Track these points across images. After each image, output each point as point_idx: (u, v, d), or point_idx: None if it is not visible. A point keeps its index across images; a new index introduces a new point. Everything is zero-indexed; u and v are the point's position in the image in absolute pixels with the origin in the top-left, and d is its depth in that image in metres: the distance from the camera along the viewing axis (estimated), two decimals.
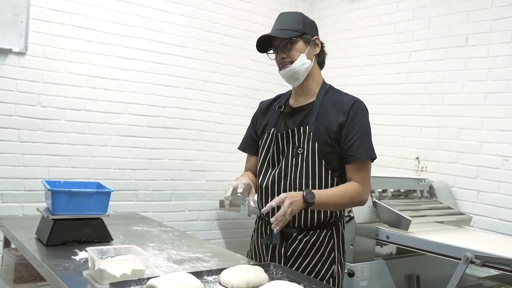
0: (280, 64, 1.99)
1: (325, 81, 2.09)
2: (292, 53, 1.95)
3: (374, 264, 2.81)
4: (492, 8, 3.39)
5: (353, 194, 1.91)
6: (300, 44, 1.96)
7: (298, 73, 1.97)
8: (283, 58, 1.96)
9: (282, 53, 1.96)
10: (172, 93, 3.93)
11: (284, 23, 1.97)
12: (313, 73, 2.02)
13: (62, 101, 3.42)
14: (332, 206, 1.93)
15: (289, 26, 1.95)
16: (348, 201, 1.93)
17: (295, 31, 1.94)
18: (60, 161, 3.44)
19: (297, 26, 1.96)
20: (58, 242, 2.14)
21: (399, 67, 3.98)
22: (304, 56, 1.95)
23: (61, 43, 3.39)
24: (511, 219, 3.19)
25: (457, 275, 2.39)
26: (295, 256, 1.99)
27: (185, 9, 3.97)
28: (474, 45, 3.48)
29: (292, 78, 2.00)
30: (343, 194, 1.90)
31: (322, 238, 1.99)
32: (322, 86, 2.05)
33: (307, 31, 1.98)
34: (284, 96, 2.17)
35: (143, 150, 3.81)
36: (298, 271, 1.92)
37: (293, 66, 1.95)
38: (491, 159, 3.34)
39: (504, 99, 3.30)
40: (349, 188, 1.92)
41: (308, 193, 1.81)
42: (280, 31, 1.95)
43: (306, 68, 1.97)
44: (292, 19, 1.98)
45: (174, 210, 4.00)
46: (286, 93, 2.19)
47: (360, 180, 1.93)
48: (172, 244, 2.32)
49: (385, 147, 4.02)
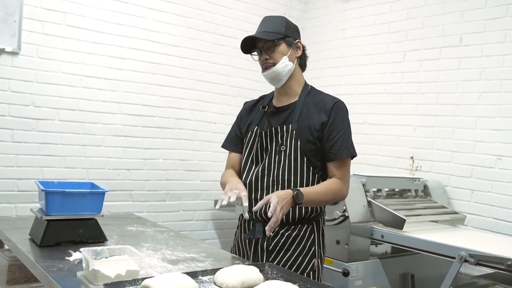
0: (263, 65, 2.06)
1: (306, 83, 2.16)
2: (275, 55, 2.02)
3: (369, 264, 2.82)
4: (486, 8, 3.41)
5: (335, 190, 2.00)
6: (282, 47, 2.03)
7: (281, 74, 2.04)
8: (266, 59, 2.03)
9: (265, 54, 2.03)
10: (166, 93, 3.93)
11: (267, 26, 2.04)
12: (295, 74, 2.10)
13: (55, 101, 3.41)
14: (317, 203, 2.02)
15: (273, 29, 2.03)
16: (331, 197, 2.01)
17: (278, 34, 2.02)
18: (54, 161, 3.42)
19: (280, 29, 2.03)
20: (52, 243, 2.12)
21: (393, 67, 3.99)
22: (286, 58, 2.03)
23: (55, 43, 3.37)
24: (505, 218, 3.21)
25: (452, 274, 2.41)
26: (277, 250, 2.06)
27: (180, 9, 3.96)
28: (468, 44, 3.50)
29: (275, 79, 2.07)
30: (327, 191, 1.98)
31: (303, 232, 2.06)
32: (304, 87, 2.13)
33: (289, 34, 2.05)
34: (267, 97, 2.24)
35: (138, 150, 3.80)
36: (280, 265, 2.02)
37: (275, 68, 2.02)
38: (485, 158, 3.35)
39: (498, 98, 3.31)
40: (332, 185, 2.00)
41: (299, 194, 1.88)
42: (264, 33, 2.02)
43: (288, 70, 2.05)
44: (275, 22, 2.05)
45: (169, 210, 4.00)
46: (269, 94, 2.25)
47: (341, 177, 2.02)
48: (166, 245, 2.32)
49: (379, 147, 4.04)
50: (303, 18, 4.81)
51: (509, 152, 3.22)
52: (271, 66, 2.02)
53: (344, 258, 2.74)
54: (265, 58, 2.03)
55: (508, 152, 3.23)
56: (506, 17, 3.29)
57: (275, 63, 2.02)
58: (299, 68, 2.13)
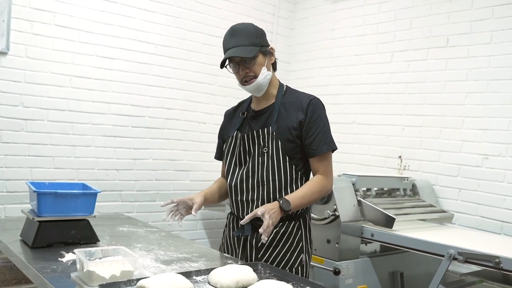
0: (243, 78, 2.06)
1: (281, 83, 2.19)
2: (255, 68, 2.03)
3: (359, 262, 2.85)
4: (472, 10, 3.46)
5: (320, 187, 2.04)
6: (260, 58, 2.04)
7: (262, 85, 2.07)
8: (246, 73, 2.03)
9: (245, 68, 2.03)
10: (156, 93, 3.92)
11: (241, 39, 2.01)
12: (272, 79, 2.13)
13: (45, 102, 3.38)
14: (305, 205, 2.06)
15: (248, 41, 2.00)
16: (317, 195, 2.06)
17: (256, 46, 2.01)
18: (43, 162, 3.39)
19: (255, 40, 2.02)
20: (43, 244, 2.12)
21: (381, 67, 4.04)
22: (265, 68, 2.05)
23: (44, 43, 3.35)
24: (491, 216, 3.27)
25: (441, 272, 2.45)
26: (266, 247, 2.10)
27: (169, 9, 3.95)
28: (455, 46, 3.55)
29: (257, 91, 2.09)
30: (312, 191, 2.03)
31: (291, 229, 2.10)
32: (279, 88, 2.16)
33: (264, 43, 2.06)
34: (245, 102, 2.27)
35: (127, 150, 3.79)
36: (269, 261, 2.07)
37: (258, 80, 2.04)
38: (471, 157, 3.41)
39: (484, 98, 3.37)
40: (316, 183, 2.04)
41: (284, 202, 1.94)
42: (242, 48, 1.99)
43: (268, 79, 2.08)
44: (248, 33, 2.03)
45: (159, 210, 3.98)
46: (247, 99, 2.29)
47: (324, 172, 2.07)
48: (159, 245, 2.32)
49: (368, 146, 4.08)
50: (291, 18, 4.84)
51: (495, 152, 3.28)
52: (253, 78, 2.03)
53: (334, 257, 2.76)
54: (246, 72, 2.03)
55: (494, 152, 3.29)
56: (492, 18, 3.35)
57: (256, 75, 2.03)
58: (273, 71, 2.16)
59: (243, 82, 2.07)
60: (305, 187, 2.04)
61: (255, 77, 2.03)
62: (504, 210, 3.21)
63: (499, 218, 3.23)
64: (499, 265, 2.29)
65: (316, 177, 2.07)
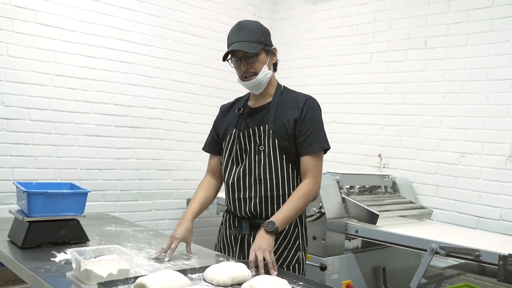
0: (243, 74, 2.08)
1: (279, 83, 2.23)
2: (256, 65, 2.06)
3: (343, 258, 2.92)
4: (449, 13, 3.57)
5: (306, 193, 2.03)
6: (263, 56, 2.07)
7: (262, 83, 2.10)
8: (247, 69, 2.06)
9: (246, 64, 2.06)
10: (138, 92, 3.91)
11: (247, 34, 2.04)
12: (271, 78, 2.15)
13: (26, 101, 3.34)
14: (295, 215, 2.03)
15: (253, 38, 2.04)
16: (305, 202, 2.04)
17: (260, 43, 2.05)
18: (25, 162, 3.35)
19: (260, 37, 2.06)
20: (33, 244, 2.12)
21: (361, 68, 4.12)
22: (266, 67, 2.08)
23: (25, 41, 3.30)
24: (468, 211, 3.39)
25: (423, 265, 2.54)
26: None
27: (151, 8, 3.95)
28: (433, 47, 3.66)
29: (256, 88, 2.12)
30: (298, 200, 2.01)
31: (288, 227, 2.12)
32: (277, 87, 2.19)
33: (268, 42, 2.10)
34: (242, 99, 2.29)
35: (110, 149, 3.77)
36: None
37: (258, 77, 2.07)
38: (448, 155, 3.52)
39: (461, 99, 3.49)
40: (302, 191, 2.02)
41: (267, 224, 1.92)
42: (247, 43, 2.02)
43: (268, 78, 2.11)
44: (254, 30, 2.06)
45: (142, 209, 3.99)
46: (244, 96, 2.31)
47: (312, 172, 2.05)
48: (149, 244, 2.34)
49: (348, 145, 4.16)
50: (271, 19, 4.88)
51: (471, 150, 3.41)
52: (253, 75, 2.06)
53: (320, 253, 2.82)
54: (247, 67, 2.06)
55: (470, 150, 3.41)
56: (468, 21, 3.47)
57: (256, 73, 2.06)
58: (273, 71, 2.19)
59: (243, 77, 2.09)
60: (291, 199, 2.01)
61: (255, 74, 2.06)
62: (480, 206, 3.33)
63: (475, 214, 3.35)
64: (479, 258, 2.39)
65: (303, 183, 2.05)
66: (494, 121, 3.31)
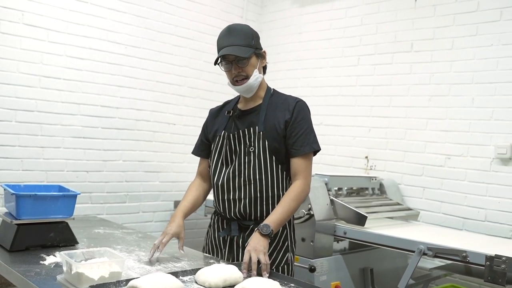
0: (234, 78, 2.09)
1: (268, 86, 2.24)
2: (248, 68, 2.07)
3: (332, 259, 2.93)
4: (435, 17, 3.62)
5: (298, 195, 2.05)
6: (253, 60, 2.09)
7: (253, 86, 2.12)
8: (239, 72, 2.08)
9: (237, 67, 2.07)
10: (126, 94, 3.89)
11: (237, 38, 2.05)
12: (261, 81, 2.17)
13: (13, 102, 3.30)
14: (288, 217, 2.05)
15: (244, 42, 2.05)
16: (297, 204, 2.07)
17: (251, 47, 2.06)
18: (11, 163, 3.31)
19: (251, 41, 2.08)
20: (22, 247, 2.09)
21: (348, 70, 4.16)
22: (257, 71, 2.10)
23: (12, 42, 3.27)
24: (454, 213, 3.44)
25: (411, 266, 2.56)
26: None
27: (138, 10, 3.94)
28: (419, 50, 3.71)
29: (247, 92, 2.14)
30: (291, 202, 2.03)
31: None
32: (267, 90, 2.21)
33: (258, 46, 2.12)
34: (232, 102, 2.30)
35: (97, 151, 3.75)
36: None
37: (249, 81, 2.08)
38: (435, 157, 3.57)
39: (446, 101, 3.53)
40: (294, 193, 2.05)
41: (262, 227, 1.94)
42: (238, 47, 2.03)
43: (259, 82, 2.13)
44: (245, 34, 2.08)
45: (129, 212, 3.96)
46: (233, 99, 2.33)
47: (303, 174, 2.08)
48: (138, 246, 2.33)
49: (335, 147, 4.19)
50: (259, 21, 4.90)
51: (457, 152, 3.45)
52: (245, 79, 2.08)
53: (309, 255, 2.84)
54: (238, 71, 2.07)
55: (456, 152, 3.46)
56: (453, 25, 3.52)
57: (248, 76, 2.07)
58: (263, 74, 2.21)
59: (234, 82, 2.10)
60: (282, 201, 2.03)
61: (247, 78, 2.07)
62: (466, 207, 3.38)
63: (461, 215, 3.40)
64: (466, 259, 2.42)
65: (293, 184, 2.08)
66: (479, 123, 3.36)
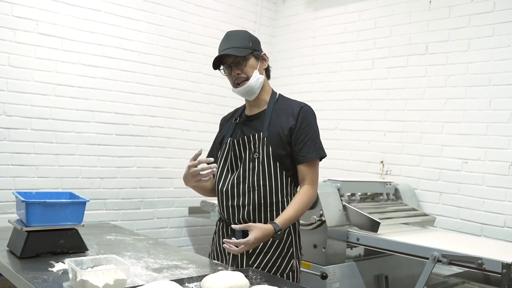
0: (235, 80, 2.11)
1: (274, 90, 2.24)
2: (247, 70, 2.09)
3: (345, 266, 2.89)
4: (450, 18, 3.56)
5: (307, 199, 2.08)
6: (252, 61, 2.10)
7: (254, 88, 2.11)
8: (238, 74, 2.09)
9: (236, 69, 2.08)
10: (139, 101, 3.92)
11: (234, 41, 2.09)
12: (264, 84, 2.18)
13: (28, 110, 3.35)
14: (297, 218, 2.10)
15: (241, 44, 2.08)
16: (306, 207, 2.10)
17: (248, 48, 2.08)
18: (27, 171, 3.36)
19: (248, 43, 2.10)
20: (32, 254, 2.10)
21: (362, 74, 4.11)
22: (257, 72, 2.11)
23: (27, 51, 3.32)
24: (472, 218, 3.36)
25: (426, 274, 2.50)
26: (257, 253, 2.12)
27: (152, 17, 3.96)
28: (434, 53, 3.64)
29: (249, 94, 2.14)
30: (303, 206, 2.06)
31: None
32: (272, 95, 2.21)
33: (256, 48, 2.13)
34: (240, 109, 2.33)
35: (111, 158, 3.78)
36: (260, 267, 2.09)
37: (249, 82, 2.09)
38: (451, 162, 3.49)
39: (463, 104, 3.46)
40: (302, 198, 2.07)
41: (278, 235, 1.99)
42: (235, 49, 2.06)
43: (260, 83, 2.13)
44: (241, 37, 2.11)
45: (143, 218, 3.98)
46: (241, 106, 2.34)
47: (310, 180, 2.10)
48: (148, 253, 2.33)
49: (350, 152, 4.14)
50: (273, 26, 4.89)
51: (474, 156, 3.38)
52: (245, 80, 2.08)
53: (321, 262, 2.80)
54: (237, 73, 2.08)
55: (473, 156, 3.38)
56: (469, 26, 3.45)
57: (248, 78, 2.08)
58: (266, 78, 2.21)
59: (235, 84, 2.11)
60: (292, 204, 2.05)
61: (247, 79, 2.08)
62: (484, 213, 3.30)
63: (479, 221, 3.31)
64: (482, 266, 2.36)
65: (302, 189, 2.09)
66: (497, 126, 3.28)
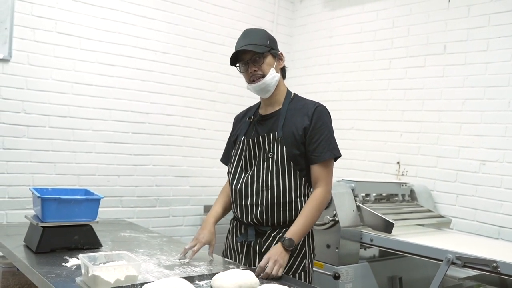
0: (251, 77, 2.11)
1: (289, 90, 2.24)
2: (264, 67, 2.09)
3: (358, 267, 2.87)
4: (469, 18, 3.51)
5: (320, 204, 2.06)
6: (269, 58, 2.11)
7: (270, 85, 2.11)
8: (255, 71, 2.09)
9: (253, 66, 2.09)
10: (156, 100, 3.95)
11: (253, 38, 2.09)
12: (279, 84, 2.18)
13: (46, 108, 3.41)
14: (310, 227, 2.09)
15: (259, 41, 2.09)
16: (319, 213, 2.08)
17: (265, 46, 2.09)
18: (45, 168, 3.42)
19: (266, 41, 2.11)
20: (47, 249, 2.14)
21: (379, 74, 4.08)
22: (273, 69, 2.11)
23: (46, 50, 3.38)
24: (489, 221, 3.30)
25: (439, 276, 2.48)
26: None
27: (169, 16, 4.00)
28: (452, 53, 3.59)
29: (264, 91, 2.14)
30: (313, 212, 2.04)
31: None
32: (287, 94, 2.21)
33: (273, 47, 2.14)
34: (253, 107, 2.33)
35: (128, 156, 3.82)
36: None
37: (265, 79, 2.09)
38: (469, 163, 3.45)
39: (481, 105, 3.41)
40: (316, 202, 2.05)
41: (286, 242, 1.96)
42: (253, 45, 2.07)
43: (275, 81, 2.13)
44: (259, 35, 2.12)
45: (159, 216, 4.02)
46: (255, 105, 2.34)
47: (324, 181, 2.08)
48: (161, 250, 2.35)
49: (366, 152, 4.11)
50: (290, 26, 4.88)
51: (492, 157, 3.32)
52: (261, 77, 2.09)
53: (334, 262, 2.79)
54: (254, 70, 2.08)
55: (491, 157, 3.33)
56: (488, 26, 3.40)
57: (264, 75, 2.08)
58: (282, 78, 2.21)
59: (251, 80, 2.11)
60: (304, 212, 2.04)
61: (263, 76, 2.08)
62: (502, 215, 3.24)
63: (497, 223, 3.26)
64: (496, 269, 2.32)
65: (314, 193, 2.08)
66: None
